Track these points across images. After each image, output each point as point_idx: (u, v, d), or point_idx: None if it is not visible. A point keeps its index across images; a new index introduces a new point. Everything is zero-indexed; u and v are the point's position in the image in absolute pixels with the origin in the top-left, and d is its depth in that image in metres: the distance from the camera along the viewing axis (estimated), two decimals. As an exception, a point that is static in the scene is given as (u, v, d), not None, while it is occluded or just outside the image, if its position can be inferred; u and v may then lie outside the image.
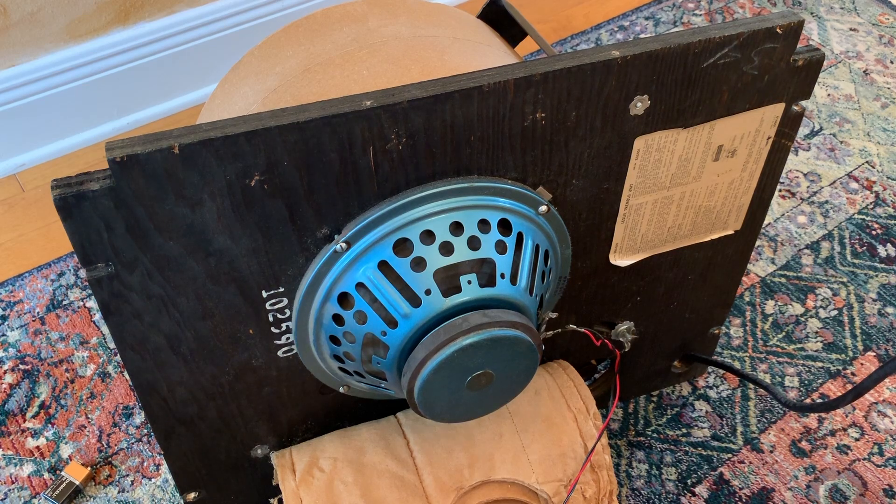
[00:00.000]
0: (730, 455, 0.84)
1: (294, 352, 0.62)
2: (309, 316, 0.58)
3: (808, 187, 1.09)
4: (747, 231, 0.72)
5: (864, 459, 0.84)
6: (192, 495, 0.69)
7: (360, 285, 0.56)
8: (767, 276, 0.99)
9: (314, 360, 0.62)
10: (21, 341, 0.93)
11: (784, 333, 0.94)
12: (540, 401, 0.70)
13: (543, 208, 0.59)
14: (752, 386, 0.89)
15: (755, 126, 0.63)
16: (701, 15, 1.35)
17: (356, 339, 0.57)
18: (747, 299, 0.97)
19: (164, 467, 0.83)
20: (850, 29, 1.32)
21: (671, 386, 0.89)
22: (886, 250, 1.02)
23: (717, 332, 0.84)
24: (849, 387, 0.90)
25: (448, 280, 0.56)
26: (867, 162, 1.12)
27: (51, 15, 1.04)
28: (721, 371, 0.90)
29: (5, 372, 0.90)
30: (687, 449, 0.85)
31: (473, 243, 0.56)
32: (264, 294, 0.57)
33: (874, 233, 1.04)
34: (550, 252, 0.62)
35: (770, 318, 0.95)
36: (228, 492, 0.71)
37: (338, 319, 0.58)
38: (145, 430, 0.86)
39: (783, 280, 0.99)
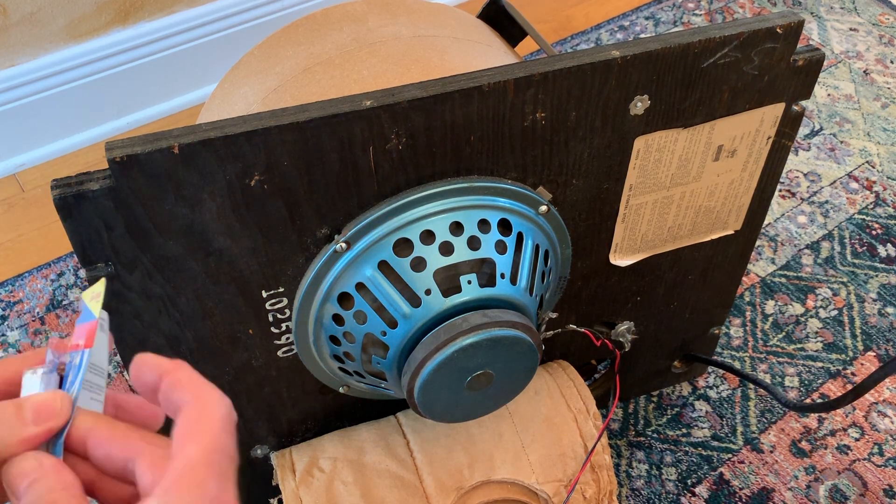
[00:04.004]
0: (730, 455, 0.84)
1: (294, 352, 0.62)
2: (309, 316, 0.58)
3: (808, 187, 1.09)
4: (747, 231, 0.72)
5: (864, 459, 0.84)
6: (192, 495, 0.69)
7: (360, 285, 0.56)
8: (767, 276, 0.99)
9: (314, 360, 0.62)
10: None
11: (784, 333, 0.94)
12: (540, 401, 0.70)
13: (543, 208, 0.59)
14: (752, 386, 0.89)
15: (755, 126, 0.63)
16: (701, 15, 1.35)
17: (356, 340, 0.57)
18: (747, 299, 0.97)
19: (164, 467, 0.83)
20: (850, 29, 1.32)
21: (671, 386, 0.89)
22: (886, 250, 1.02)
23: (717, 332, 0.84)
24: (849, 387, 0.90)
25: (448, 280, 0.56)
26: (867, 162, 1.12)
27: (51, 15, 1.04)
28: (721, 371, 0.90)
29: (5, 372, 0.90)
30: (687, 449, 0.85)
31: (473, 243, 0.56)
32: (264, 294, 0.57)
33: (874, 233, 1.04)
34: (550, 252, 0.62)
35: (770, 318, 0.95)
36: (228, 492, 0.71)
37: (338, 319, 0.58)
38: (145, 430, 0.86)
39: (783, 280, 0.99)
